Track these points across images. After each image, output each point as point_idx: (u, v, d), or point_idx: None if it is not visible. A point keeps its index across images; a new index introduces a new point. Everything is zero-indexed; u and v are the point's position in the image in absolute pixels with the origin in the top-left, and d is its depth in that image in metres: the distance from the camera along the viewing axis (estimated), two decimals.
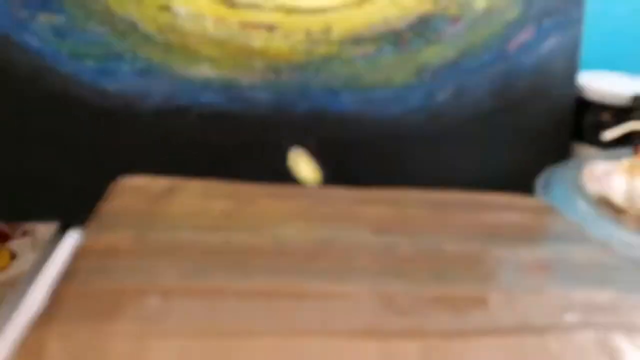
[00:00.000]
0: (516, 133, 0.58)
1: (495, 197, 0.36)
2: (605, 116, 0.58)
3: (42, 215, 0.57)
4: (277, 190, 0.34)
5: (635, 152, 0.50)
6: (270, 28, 0.55)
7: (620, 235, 0.39)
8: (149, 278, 0.23)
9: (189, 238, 0.26)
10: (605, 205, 0.46)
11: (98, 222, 0.27)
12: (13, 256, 1.13)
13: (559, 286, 0.25)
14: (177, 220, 0.28)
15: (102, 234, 0.26)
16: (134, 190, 0.31)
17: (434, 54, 0.56)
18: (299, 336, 0.20)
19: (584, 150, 0.59)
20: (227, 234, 0.27)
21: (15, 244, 1.11)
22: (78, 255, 0.24)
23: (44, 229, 0.90)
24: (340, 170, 0.56)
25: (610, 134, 0.48)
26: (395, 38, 0.55)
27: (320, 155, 0.56)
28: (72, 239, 0.55)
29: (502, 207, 0.34)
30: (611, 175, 0.49)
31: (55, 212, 0.56)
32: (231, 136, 0.56)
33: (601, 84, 0.59)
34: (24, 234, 1.11)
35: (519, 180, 0.56)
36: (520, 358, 0.20)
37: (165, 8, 0.53)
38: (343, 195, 0.34)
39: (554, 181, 0.50)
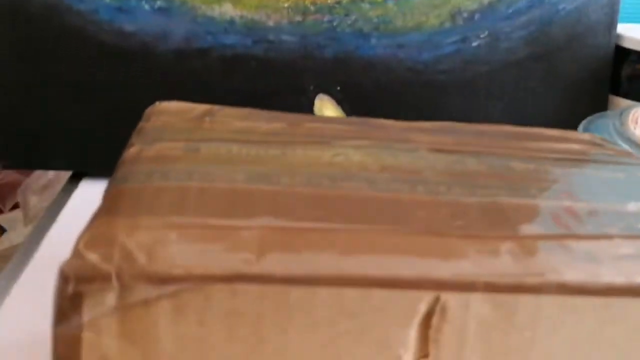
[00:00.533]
0: (551, 82, 0.56)
1: (547, 130, 0.34)
2: None
3: (56, 163, 0.54)
4: (322, 118, 0.32)
5: None
6: None
7: None
8: (211, 180, 0.20)
9: (242, 150, 0.24)
10: None
11: (142, 136, 0.25)
12: (2, 231, 1.11)
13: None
14: (225, 134, 0.26)
15: (150, 145, 0.23)
16: (173, 111, 0.29)
17: None
18: (368, 229, 0.18)
19: (621, 102, 0.57)
20: (282, 147, 0.25)
21: (4, 218, 1.09)
22: (127, 161, 0.22)
23: (36, 201, 0.89)
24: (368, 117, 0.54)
25: None
26: None
27: (347, 101, 0.54)
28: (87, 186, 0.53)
29: (557, 138, 0.32)
30: None
31: (69, 159, 0.54)
32: (254, 80, 0.53)
33: None
34: (14, 207, 1.09)
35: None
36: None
37: None
38: (391, 124, 0.32)
39: (594, 128, 0.48)
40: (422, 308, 0.17)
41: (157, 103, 0.30)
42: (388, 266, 0.17)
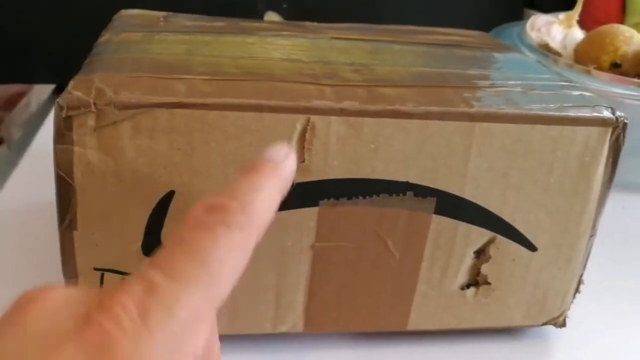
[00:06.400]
0: None
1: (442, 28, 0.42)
2: None
3: (40, 78, 0.61)
4: (257, 21, 0.39)
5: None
6: None
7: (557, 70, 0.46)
8: (159, 53, 0.29)
9: (185, 37, 0.32)
10: (545, 50, 0.52)
11: (110, 30, 0.33)
12: None
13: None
14: (174, 28, 0.34)
15: (117, 34, 0.32)
16: (135, 15, 0.37)
17: None
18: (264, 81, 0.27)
19: (535, 14, 0.65)
20: (217, 35, 0.33)
21: None
22: (100, 44, 0.30)
23: (20, 135, 0.92)
24: None
25: None
26: None
27: (292, 17, 0.61)
28: None
29: (445, 33, 0.40)
30: (551, 26, 0.55)
31: (52, 74, 0.61)
32: None
33: None
34: None
35: None
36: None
37: None
38: (312, 24, 0.40)
39: (502, 34, 0.56)
40: (299, 127, 0.26)
41: (122, 10, 0.38)
42: (276, 97, 0.25)
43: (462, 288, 0.31)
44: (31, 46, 0.59)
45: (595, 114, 0.29)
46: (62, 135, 0.24)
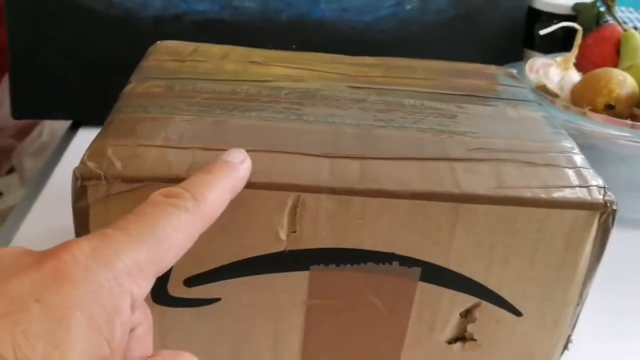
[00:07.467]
0: (473, 38, 0.66)
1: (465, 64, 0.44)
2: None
3: (55, 114, 0.65)
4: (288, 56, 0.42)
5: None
6: None
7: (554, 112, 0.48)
8: (173, 112, 0.32)
9: (204, 86, 0.35)
10: (543, 91, 0.54)
11: (138, 74, 0.37)
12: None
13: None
14: (195, 75, 0.37)
15: (141, 82, 0.35)
16: (167, 51, 0.40)
17: None
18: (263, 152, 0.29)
19: (535, 56, 0.67)
20: (233, 85, 0.36)
21: (1, 182, 1.14)
22: (124, 96, 0.34)
23: (31, 164, 0.93)
24: None
25: (544, 30, 0.56)
26: None
27: None
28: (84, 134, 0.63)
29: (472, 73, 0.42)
30: (549, 68, 0.57)
31: (67, 111, 0.64)
32: (222, 41, 0.62)
33: None
34: (10, 171, 1.14)
35: None
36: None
37: None
38: (325, 55, 0.42)
39: None
40: (290, 202, 0.28)
41: (158, 42, 0.41)
42: (268, 176, 0.28)
43: (449, 342, 0.33)
44: (47, 82, 0.62)
45: (586, 197, 0.29)
46: (78, 199, 0.28)
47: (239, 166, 0.26)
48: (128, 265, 0.20)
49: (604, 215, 0.29)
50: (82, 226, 0.28)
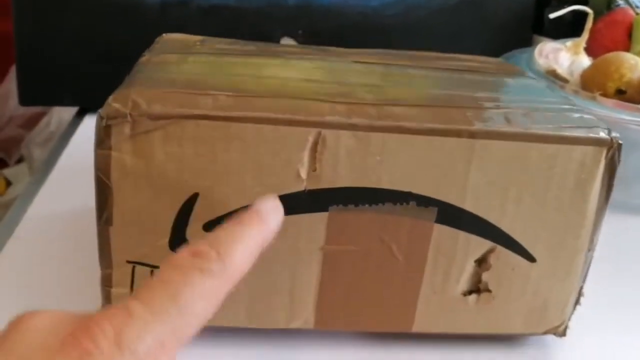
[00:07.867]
0: (481, 23, 0.66)
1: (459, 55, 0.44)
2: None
3: (63, 101, 0.65)
4: (284, 45, 0.42)
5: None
6: None
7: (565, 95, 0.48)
8: (188, 73, 0.32)
9: (217, 59, 0.35)
10: (552, 76, 0.54)
11: (151, 51, 0.36)
12: (9, 184, 1.17)
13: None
14: (208, 50, 0.37)
15: (155, 56, 0.35)
16: (174, 39, 0.40)
17: None
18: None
19: (544, 40, 0.67)
20: (245, 57, 0.36)
21: (10, 172, 1.15)
22: (140, 63, 0.34)
23: (40, 154, 0.94)
24: None
25: (554, 14, 0.57)
26: None
27: (307, 44, 0.64)
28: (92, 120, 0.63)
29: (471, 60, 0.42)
30: (558, 52, 0.57)
31: (74, 97, 0.64)
32: (227, 27, 0.63)
33: None
34: (19, 161, 1.15)
35: None
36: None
37: None
38: (335, 49, 0.42)
39: (510, 60, 0.58)
40: (311, 139, 0.28)
41: (164, 34, 0.41)
42: (292, 112, 0.28)
43: (464, 294, 0.33)
44: (55, 70, 0.62)
45: (592, 134, 0.31)
46: (101, 141, 0.27)
47: (269, 216, 0.25)
48: (151, 347, 0.20)
49: (611, 151, 0.31)
50: (104, 172, 0.28)
